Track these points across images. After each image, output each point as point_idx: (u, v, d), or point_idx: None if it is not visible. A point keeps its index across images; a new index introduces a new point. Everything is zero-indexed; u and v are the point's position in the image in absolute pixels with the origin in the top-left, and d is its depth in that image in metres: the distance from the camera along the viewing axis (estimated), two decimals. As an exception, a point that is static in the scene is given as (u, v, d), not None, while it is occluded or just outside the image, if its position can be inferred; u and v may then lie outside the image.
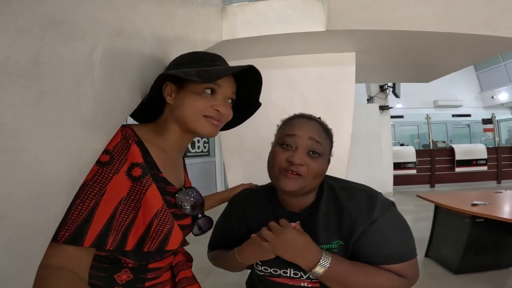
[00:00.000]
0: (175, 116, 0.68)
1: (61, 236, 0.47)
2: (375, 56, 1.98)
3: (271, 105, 1.72)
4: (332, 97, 1.78)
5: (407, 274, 0.74)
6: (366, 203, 0.76)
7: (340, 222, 0.76)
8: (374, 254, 0.73)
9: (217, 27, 1.51)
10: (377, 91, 5.87)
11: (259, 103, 0.83)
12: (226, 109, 0.69)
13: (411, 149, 7.21)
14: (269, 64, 1.76)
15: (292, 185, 0.72)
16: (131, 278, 0.61)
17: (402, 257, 0.73)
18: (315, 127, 0.78)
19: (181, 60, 0.72)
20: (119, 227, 0.53)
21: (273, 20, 1.54)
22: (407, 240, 0.76)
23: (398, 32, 1.56)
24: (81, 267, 0.50)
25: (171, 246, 0.59)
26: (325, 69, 1.80)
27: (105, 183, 0.53)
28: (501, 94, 10.02)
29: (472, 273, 2.39)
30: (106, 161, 0.54)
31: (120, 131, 0.59)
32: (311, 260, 0.71)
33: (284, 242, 0.72)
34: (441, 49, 1.80)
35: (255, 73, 0.71)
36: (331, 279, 0.72)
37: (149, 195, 0.57)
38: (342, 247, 0.75)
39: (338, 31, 1.54)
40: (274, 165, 0.76)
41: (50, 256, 0.46)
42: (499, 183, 7.43)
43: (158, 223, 0.57)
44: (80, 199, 0.50)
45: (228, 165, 1.89)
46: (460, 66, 2.25)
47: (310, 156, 0.73)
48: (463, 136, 10.59)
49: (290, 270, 0.77)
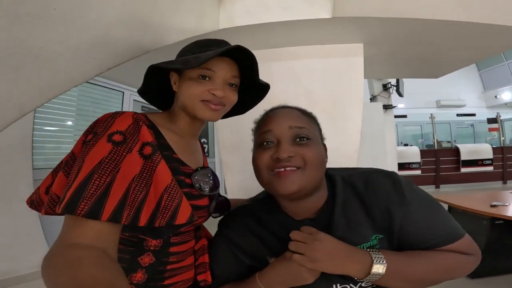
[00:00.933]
0: (179, 103, 0.72)
1: (80, 210, 0.48)
2: (384, 49, 1.85)
3: (273, 99, 1.59)
4: (339, 91, 1.64)
5: (470, 250, 0.64)
6: (389, 184, 0.66)
7: (370, 213, 0.65)
8: (425, 237, 0.63)
9: (213, 15, 1.39)
10: (380, 90, 5.74)
11: (265, 84, 0.82)
12: (225, 92, 0.69)
13: (415, 149, 7.13)
14: (270, 56, 1.63)
15: (291, 184, 0.61)
16: (153, 261, 0.65)
17: (455, 235, 0.65)
18: (292, 113, 0.70)
19: (184, 49, 0.75)
20: (132, 202, 0.55)
21: (274, 6, 1.41)
22: (449, 217, 0.67)
23: (411, 21, 1.43)
24: (111, 246, 0.52)
25: (179, 221, 0.60)
26: (331, 60, 1.67)
27: (119, 161, 0.55)
28: (504, 93, 9.92)
29: (489, 276, 2.28)
30: (120, 140, 0.57)
31: (130, 115, 0.62)
32: (364, 262, 0.58)
33: (324, 250, 0.58)
34: (456, 41, 1.67)
35: (246, 53, 0.69)
36: (395, 276, 0.59)
37: (159, 171, 0.60)
38: (383, 240, 0.64)
39: (345, 19, 1.41)
40: (260, 168, 0.66)
41: (80, 235, 0.49)
42: (505, 184, 7.37)
43: (167, 198, 0.59)
44: (97, 175, 0.52)
45: (226, 164, 1.75)
46: (474, 59, 2.12)
47: (298, 143, 0.64)
48: (467, 136, 10.48)
49: (336, 286, 0.63)
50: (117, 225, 0.54)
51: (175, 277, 0.69)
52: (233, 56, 0.71)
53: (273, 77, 1.65)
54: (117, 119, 0.60)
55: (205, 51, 0.69)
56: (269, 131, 0.67)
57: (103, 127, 0.58)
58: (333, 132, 1.56)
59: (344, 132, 1.60)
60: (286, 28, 1.46)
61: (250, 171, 1.66)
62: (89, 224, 0.50)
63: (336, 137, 1.55)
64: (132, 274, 0.64)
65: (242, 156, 1.67)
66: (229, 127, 1.67)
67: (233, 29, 1.41)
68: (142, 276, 0.64)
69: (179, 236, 0.71)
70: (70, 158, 0.62)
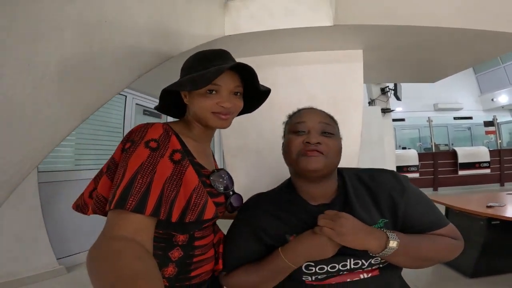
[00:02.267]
0: (192, 114, 0.80)
1: (129, 205, 0.56)
2: (382, 54, 1.91)
3: (276, 103, 1.63)
4: (340, 96, 1.69)
5: (457, 236, 0.77)
6: (391, 177, 0.79)
7: (376, 200, 0.76)
8: (420, 222, 0.75)
9: (219, 21, 1.44)
10: (378, 93, 5.81)
11: (265, 88, 0.88)
12: (232, 102, 0.77)
13: (413, 153, 7.17)
14: (274, 61, 1.68)
15: (316, 162, 0.72)
16: (181, 255, 0.72)
17: (445, 221, 0.77)
18: (322, 113, 0.83)
19: (187, 64, 0.81)
20: (166, 200, 0.63)
21: (278, 14, 1.46)
22: (436, 206, 0.79)
23: (409, 28, 1.48)
24: (148, 241, 0.57)
25: (207, 216, 0.70)
26: (332, 66, 1.72)
27: (155, 164, 0.63)
28: (501, 96, 9.98)
29: (487, 276, 2.33)
30: (155, 147, 0.65)
31: (161, 126, 0.70)
32: (381, 238, 0.68)
33: (349, 226, 0.68)
34: (454, 47, 1.72)
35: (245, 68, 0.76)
36: (404, 252, 0.69)
37: (188, 175, 0.69)
38: (387, 224, 0.76)
39: (346, 26, 1.46)
40: (291, 150, 0.77)
41: (122, 228, 0.55)
42: (502, 186, 7.41)
43: (196, 197, 0.69)
44: (140, 175, 0.60)
45: (230, 168, 1.79)
46: (471, 64, 2.18)
47: (325, 135, 0.77)
48: (464, 139, 10.54)
49: (350, 260, 0.72)
50: (153, 221, 0.61)
51: (199, 268, 0.76)
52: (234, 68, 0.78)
53: (277, 81, 1.70)
54: (149, 129, 0.69)
55: (209, 65, 0.76)
56: (303, 122, 0.79)
57: (139, 136, 0.67)
58: (335, 135, 1.60)
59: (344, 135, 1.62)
60: (289, 35, 1.51)
61: (254, 174, 1.71)
62: (131, 219, 0.56)
63: (338, 140, 1.59)
64: (164, 269, 0.70)
65: (246, 159, 1.71)
66: (234, 131, 1.71)
67: (238, 36, 1.46)
68: (172, 270, 0.71)
69: (201, 231, 0.78)
70: (112, 163, 0.71)
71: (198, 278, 0.76)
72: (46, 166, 2.98)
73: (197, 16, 1.08)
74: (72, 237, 2.97)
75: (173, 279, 0.71)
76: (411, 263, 0.71)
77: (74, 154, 3.28)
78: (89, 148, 3.39)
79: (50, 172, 2.94)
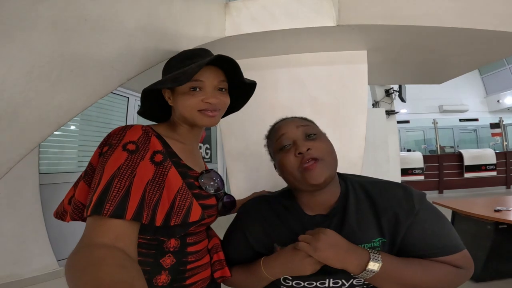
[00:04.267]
0: (177, 115, 0.78)
1: (106, 210, 0.53)
2: (387, 55, 1.87)
3: (278, 106, 1.61)
4: (344, 98, 1.65)
5: (464, 265, 0.69)
6: (403, 195, 0.72)
7: (378, 217, 0.71)
8: (425, 247, 0.68)
9: (219, 22, 1.41)
10: (383, 95, 5.76)
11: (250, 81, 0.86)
12: (218, 98, 0.75)
13: (418, 155, 7.11)
14: (275, 63, 1.65)
15: (319, 174, 0.69)
16: (174, 262, 0.70)
17: (456, 248, 0.69)
18: (295, 119, 0.81)
19: (168, 65, 0.81)
20: (149, 204, 0.60)
21: (279, 15, 1.43)
22: (453, 231, 0.72)
23: (414, 28, 1.45)
24: (130, 246, 0.55)
25: (193, 218, 0.67)
26: (335, 67, 1.68)
27: (135, 167, 0.61)
28: (506, 98, 9.87)
29: (494, 280, 2.31)
30: (133, 149, 0.63)
31: (139, 127, 0.68)
32: (362, 257, 0.64)
33: (327, 241, 0.64)
34: (459, 47, 1.68)
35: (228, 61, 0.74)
36: (387, 276, 0.64)
37: (170, 176, 0.66)
38: (384, 244, 0.69)
39: (349, 27, 1.43)
40: (288, 170, 0.74)
41: (101, 235, 0.52)
42: (508, 188, 7.34)
43: (180, 198, 0.66)
44: (118, 179, 0.57)
45: (231, 171, 1.76)
46: (477, 65, 2.13)
47: (310, 139, 0.74)
48: (469, 141, 10.43)
49: (329, 280, 0.69)
50: (136, 226, 0.59)
51: (195, 276, 0.74)
52: (217, 63, 0.76)
53: (278, 83, 1.67)
54: (128, 131, 0.66)
55: (189, 63, 0.75)
56: (283, 134, 0.76)
57: (117, 139, 0.64)
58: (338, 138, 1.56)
59: (348, 138, 1.61)
60: (291, 36, 1.48)
61: (255, 177, 1.68)
62: (111, 224, 0.54)
63: (341, 144, 1.55)
64: (157, 277, 0.67)
65: (247, 163, 1.68)
66: (234, 134, 1.68)
67: (239, 37, 1.43)
68: (166, 278, 0.68)
69: (194, 236, 0.76)
70: (89, 168, 0.68)
71: (195, 286, 0.74)
72: (48, 168, 2.98)
73: (196, 16, 1.06)
74: (72, 239, 2.95)
75: (167, 287, 0.68)
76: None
77: (77, 155, 3.29)
78: (92, 150, 3.38)
79: (51, 174, 2.93)
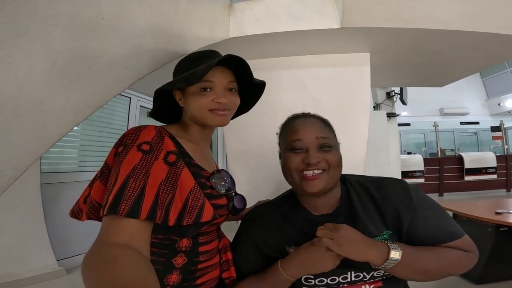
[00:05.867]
0: (188, 116, 0.79)
1: (122, 210, 0.54)
2: (390, 58, 1.87)
3: (280, 107, 1.61)
4: (346, 100, 1.66)
5: (470, 248, 0.73)
6: (400, 189, 0.75)
7: (381, 212, 0.73)
8: (431, 235, 0.71)
9: (223, 23, 1.41)
10: (384, 98, 5.75)
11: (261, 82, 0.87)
12: (228, 98, 0.76)
13: (419, 158, 7.10)
14: (278, 64, 1.65)
15: (318, 184, 0.71)
16: (186, 261, 0.70)
17: (459, 233, 0.73)
18: (316, 124, 0.79)
19: (178, 67, 0.81)
20: (162, 203, 0.61)
21: (283, 16, 1.44)
22: (451, 218, 0.76)
23: (418, 31, 1.45)
24: (144, 246, 0.56)
25: (205, 218, 0.68)
26: (338, 69, 1.68)
27: (149, 167, 0.62)
28: (507, 101, 9.86)
29: (494, 282, 2.32)
30: (147, 149, 0.64)
31: (153, 128, 0.69)
32: (382, 249, 0.65)
33: (349, 236, 0.65)
34: (462, 50, 1.68)
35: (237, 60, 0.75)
36: (407, 264, 0.65)
37: (183, 176, 0.67)
38: (392, 236, 0.72)
39: (353, 29, 1.43)
40: (291, 170, 0.75)
41: (116, 234, 0.53)
42: (508, 191, 7.33)
43: (192, 199, 0.67)
44: (133, 179, 0.58)
45: (233, 173, 1.76)
46: (479, 68, 2.13)
47: (323, 150, 0.74)
48: (470, 144, 10.42)
49: (351, 273, 0.70)
50: (149, 225, 0.60)
51: (205, 275, 0.74)
52: (226, 64, 0.77)
53: (281, 85, 1.67)
54: (142, 132, 0.67)
55: (199, 65, 0.75)
56: (298, 140, 0.75)
57: (131, 139, 0.65)
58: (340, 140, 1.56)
59: (350, 141, 1.60)
60: (294, 38, 1.48)
61: (257, 178, 1.67)
62: (126, 224, 0.55)
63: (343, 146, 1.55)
64: (168, 276, 0.67)
65: (250, 164, 1.68)
66: (237, 136, 1.69)
67: (242, 38, 1.44)
68: (177, 277, 0.68)
69: (205, 236, 0.76)
70: (105, 168, 0.69)
71: (204, 286, 0.74)
72: (49, 167, 2.97)
73: (200, 17, 1.06)
74: (72, 239, 2.95)
75: (178, 287, 0.69)
76: (415, 276, 0.69)
77: (78, 155, 3.28)
78: (93, 150, 3.39)
79: (53, 173, 2.93)
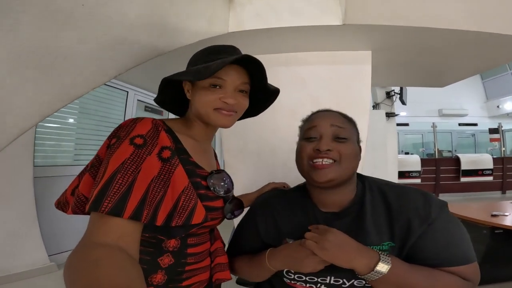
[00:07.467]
0: (193, 111, 0.75)
1: (104, 207, 0.51)
2: (391, 56, 1.84)
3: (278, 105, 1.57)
4: (346, 98, 1.63)
5: (471, 277, 0.67)
6: (421, 202, 0.70)
7: (391, 222, 0.69)
8: (436, 256, 0.67)
9: (223, 18, 1.38)
10: (383, 97, 5.73)
11: (275, 89, 0.84)
12: (236, 99, 0.72)
13: (416, 158, 7.12)
14: (277, 60, 1.62)
15: (326, 174, 0.69)
16: (172, 262, 0.67)
17: (466, 259, 0.67)
18: (335, 115, 0.77)
19: (194, 58, 0.77)
20: (151, 202, 0.57)
21: (284, 12, 1.40)
22: (468, 242, 0.70)
23: (420, 29, 1.42)
24: (133, 246, 0.53)
25: (195, 220, 0.64)
26: (338, 67, 1.65)
27: (140, 162, 0.58)
28: (506, 103, 9.88)
29: (489, 284, 2.34)
30: (140, 143, 0.60)
31: (150, 121, 0.65)
32: (372, 258, 0.63)
33: (335, 241, 0.64)
34: (465, 50, 1.65)
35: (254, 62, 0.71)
36: (393, 281, 0.62)
37: (177, 174, 0.63)
38: (393, 249, 0.68)
39: (355, 26, 1.40)
40: (302, 157, 0.74)
41: (102, 233, 0.50)
42: (504, 194, 7.37)
43: (184, 199, 0.63)
44: (121, 174, 0.54)
45: (230, 169, 1.73)
46: (481, 69, 2.11)
47: (337, 141, 0.72)
48: (467, 146, 10.45)
49: (330, 277, 0.68)
50: (138, 224, 0.56)
51: (193, 278, 0.72)
52: (242, 63, 0.73)
53: (279, 82, 1.63)
54: (138, 124, 0.63)
55: (215, 59, 0.72)
56: (313, 127, 0.74)
57: (126, 132, 0.62)
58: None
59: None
60: (295, 34, 1.45)
61: (254, 175, 1.64)
62: (113, 222, 0.52)
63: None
64: (153, 275, 0.65)
65: (246, 161, 1.65)
66: (234, 132, 1.65)
67: (242, 33, 1.40)
68: (162, 278, 0.66)
69: (195, 237, 0.73)
70: (96, 160, 0.65)
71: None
72: (44, 160, 2.93)
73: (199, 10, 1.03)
74: (64, 234, 2.92)
75: (162, 287, 0.66)
76: None
77: (74, 149, 3.24)
78: (89, 143, 3.35)
79: (47, 167, 2.89)
